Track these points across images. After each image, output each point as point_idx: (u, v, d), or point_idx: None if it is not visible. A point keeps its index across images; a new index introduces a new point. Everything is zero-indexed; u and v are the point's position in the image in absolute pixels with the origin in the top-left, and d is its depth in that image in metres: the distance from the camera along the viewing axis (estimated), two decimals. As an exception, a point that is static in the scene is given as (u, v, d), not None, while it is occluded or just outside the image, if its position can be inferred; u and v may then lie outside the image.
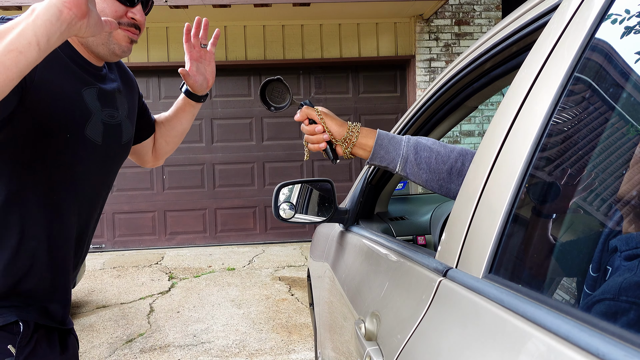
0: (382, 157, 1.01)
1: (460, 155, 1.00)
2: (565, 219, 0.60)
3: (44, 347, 1.01)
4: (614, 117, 0.54)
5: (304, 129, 1.05)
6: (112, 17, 0.97)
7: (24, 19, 0.73)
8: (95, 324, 3.56)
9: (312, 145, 1.05)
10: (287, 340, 3.16)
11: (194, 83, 1.22)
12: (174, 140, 1.36)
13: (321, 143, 1.03)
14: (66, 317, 1.10)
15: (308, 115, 1.04)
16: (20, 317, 0.95)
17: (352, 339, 1.04)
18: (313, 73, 6.03)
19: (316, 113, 1.03)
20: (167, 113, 1.34)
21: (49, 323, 1.03)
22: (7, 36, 0.71)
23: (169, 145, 1.36)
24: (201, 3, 4.86)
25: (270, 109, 1.07)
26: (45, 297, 1.01)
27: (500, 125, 0.65)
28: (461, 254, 0.67)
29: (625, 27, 0.53)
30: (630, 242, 0.50)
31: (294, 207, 1.44)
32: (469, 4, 5.76)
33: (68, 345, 1.11)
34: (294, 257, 5.38)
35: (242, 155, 6.06)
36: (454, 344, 0.58)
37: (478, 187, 0.66)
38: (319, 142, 1.03)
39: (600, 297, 0.50)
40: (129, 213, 5.99)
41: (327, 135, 1.02)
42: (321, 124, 1.03)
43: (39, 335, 1.00)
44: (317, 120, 1.03)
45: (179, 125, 1.33)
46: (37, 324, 0.99)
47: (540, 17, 0.73)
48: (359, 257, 1.28)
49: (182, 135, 1.36)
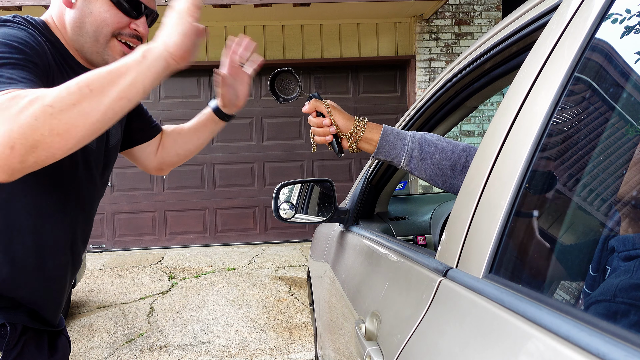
0: (387, 152, 1.02)
1: (465, 151, 1.01)
2: (565, 219, 0.60)
3: (31, 350, 0.99)
4: (614, 118, 0.54)
5: (311, 121, 1.06)
6: (114, 28, 0.95)
7: (134, 66, 0.75)
8: (95, 324, 3.56)
9: (318, 138, 1.05)
10: (287, 340, 3.16)
11: (224, 95, 1.15)
12: (185, 154, 1.28)
13: (328, 136, 1.04)
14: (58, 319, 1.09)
15: (316, 108, 1.04)
16: (7, 320, 0.94)
17: (352, 339, 1.04)
18: (313, 73, 6.02)
19: (324, 106, 1.04)
20: (186, 125, 1.27)
21: (38, 326, 1.01)
22: (119, 82, 0.73)
23: (179, 157, 1.29)
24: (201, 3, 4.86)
25: (279, 99, 1.07)
26: (35, 301, 0.99)
27: (500, 125, 0.65)
28: (461, 254, 0.67)
29: (625, 27, 0.53)
30: (627, 243, 0.50)
31: (294, 207, 1.44)
32: (469, 4, 5.76)
33: (58, 347, 1.09)
34: (294, 257, 5.38)
35: (242, 155, 6.07)
36: (454, 344, 0.58)
37: (478, 187, 0.66)
38: (326, 135, 1.04)
39: (597, 298, 0.50)
40: (129, 213, 5.98)
41: (334, 128, 1.03)
42: (329, 117, 1.03)
43: (27, 338, 0.98)
44: (325, 113, 1.04)
45: (196, 140, 1.26)
46: (25, 327, 0.98)
47: (540, 17, 0.73)
48: (359, 257, 1.28)
49: (195, 151, 1.29)
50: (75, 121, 0.70)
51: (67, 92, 0.70)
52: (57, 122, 0.69)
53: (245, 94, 1.19)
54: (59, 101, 0.69)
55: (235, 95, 1.17)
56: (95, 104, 0.71)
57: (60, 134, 0.69)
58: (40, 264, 0.99)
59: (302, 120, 6.04)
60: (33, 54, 0.84)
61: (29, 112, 0.67)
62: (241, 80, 1.16)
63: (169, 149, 1.28)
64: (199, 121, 1.25)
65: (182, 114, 5.68)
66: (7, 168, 0.68)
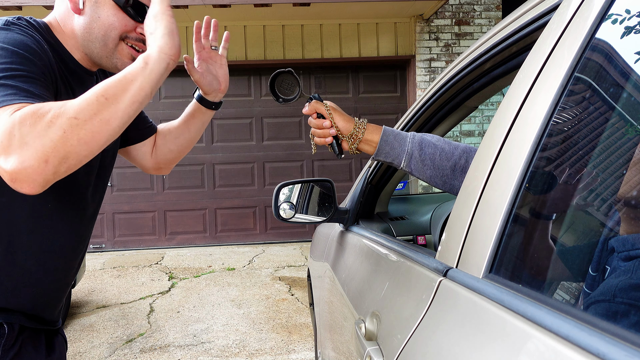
0: (387, 153, 1.02)
1: (464, 152, 1.01)
2: (565, 219, 0.60)
3: (29, 350, 0.99)
4: (614, 118, 0.54)
5: (311, 122, 1.05)
6: (121, 31, 0.98)
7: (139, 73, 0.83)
8: (95, 324, 3.56)
9: (318, 139, 1.05)
10: (287, 340, 3.16)
11: (202, 81, 1.14)
12: (178, 149, 1.28)
13: (328, 138, 1.04)
14: (56, 319, 1.09)
15: (316, 110, 1.04)
16: (5, 320, 0.94)
17: (352, 339, 1.04)
18: (313, 73, 6.02)
19: (325, 108, 1.04)
20: (174, 121, 1.28)
21: (35, 326, 1.01)
22: (129, 88, 0.81)
23: (173, 153, 1.28)
24: (201, 3, 4.86)
25: (279, 100, 1.06)
26: (34, 303, 1.00)
27: (500, 125, 0.65)
28: (461, 254, 0.67)
29: (625, 27, 0.53)
30: (627, 244, 0.50)
31: (294, 207, 1.44)
32: (469, 4, 5.76)
33: (55, 346, 1.09)
34: (294, 257, 5.38)
35: (242, 155, 6.07)
36: (454, 344, 0.58)
37: (478, 187, 0.66)
38: (326, 137, 1.04)
39: (597, 299, 0.50)
40: (129, 213, 5.98)
41: (334, 130, 1.03)
42: (329, 119, 1.03)
43: (25, 337, 0.98)
44: (325, 114, 1.03)
45: (187, 133, 1.26)
46: (22, 326, 0.98)
47: (540, 17, 0.73)
48: (359, 257, 1.28)
49: (187, 144, 1.28)
50: (99, 128, 0.77)
51: (87, 103, 0.77)
52: (83, 132, 0.75)
53: (225, 76, 1.18)
54: (81, 112, 0.75)
55: (215, 80, 1.17)
56: (113, 111, 0.79)
57: (87, 142, 0.76)
58: (40, 266, 0.99)
59: (302, 120, 6.04)
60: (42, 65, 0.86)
61: (57, 126, 0.73)
62: (217, 63, 1.17)
63: (161, 147, 1.28)
64: (186, 114, 1.25)
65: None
66: (42, 180, 0.73)
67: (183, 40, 5.70)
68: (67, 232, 1.03)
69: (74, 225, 1.05)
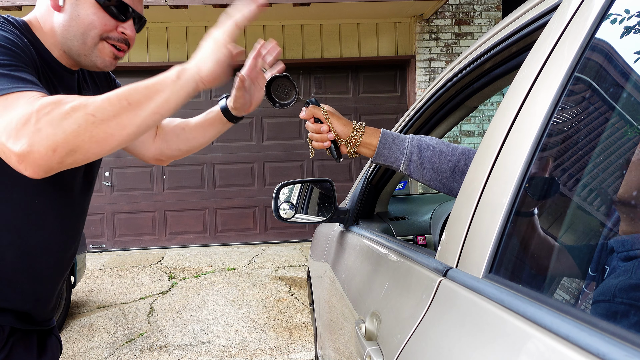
0: (386, 156, 1.02)
1: (463, 154, 1.00)
2: (565, 219, 0.60)
3: (20, 352, 0.98)
4: (614, 118, 0.54)
5: (309, 127, 1.04)
6: (101, 31, 0.96)
7: (169, 85, 0.81)
8: (95, 324, 3.56)
9: (316, 144, 1.04)
10: (287, 340, 3.16)
11: (238, 99, 1.12)
12: (187, 150, 1.27)
13: (326, 142, 1.03)
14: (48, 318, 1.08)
15: (314, 114, 1.03)
16: None
17: (352, 339, 1.04)
18: (313, 73, 6.03)
19: (322, 112, 1.03)
20: (192, 120, 1.24)
21: (26, 327, 1.00)
22: (155, 98, 0.79)
23: (181, 152, 1.27)
24: (201, 3, 4.86)
25: (275, 105, 1.05)
26: (24, 303, 0.98)
27: (500, 125, 0.65)
28: (461, 254, 0.67)
29: (625, 27, 0.53)
30: (626, 244, 0.50)
31: (294, 207, 1.44)
32: (469, 4, 5.76)
33: (47, 347, 1.08)
34: (294, 257, 5.38)
35: (242, 155, 6.07)
36: (454, 344, 0.58)
37: (478, 187, 0.66)
38: (324, 141, 1.03)
39: (596, 299, 0.50)
40: (129, 213, 5.99)
41: (332, 134, 1.02)
42: (327, 123, 1.02)
43: (15, 339, 0.97)
44: (323, 119, 1.02)
45: (201, 138, 1.24)
46: (13, 328, 0.97)
47: (540, 17, 0.73)
48: (359, 257, 1.28)
49: (198, 148, 1.27)
50: (114, 131, 0.76)
51: (109, 103, 0.76)
52: (97, 131, 0.74)
53: (259, 100, 1.15)
54: (100, 111, 0.75)
55: (249, 100, 1.14)
56: (132, 117, 0.77)
57: (98, 142, 0.75)
58: (29, 264, 0.98)
59: (302, 121, 6.03)
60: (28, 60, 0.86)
61: (73, 119, 0.73)
62: (258, 86, 1.13)
63: (171, 143, 1.26)
64: (206, 119, 1.22)
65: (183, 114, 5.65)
66: (46, 167, 0.74)
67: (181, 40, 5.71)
68: (56, 228, 1.02)
69: (63, 221, 1.04)
